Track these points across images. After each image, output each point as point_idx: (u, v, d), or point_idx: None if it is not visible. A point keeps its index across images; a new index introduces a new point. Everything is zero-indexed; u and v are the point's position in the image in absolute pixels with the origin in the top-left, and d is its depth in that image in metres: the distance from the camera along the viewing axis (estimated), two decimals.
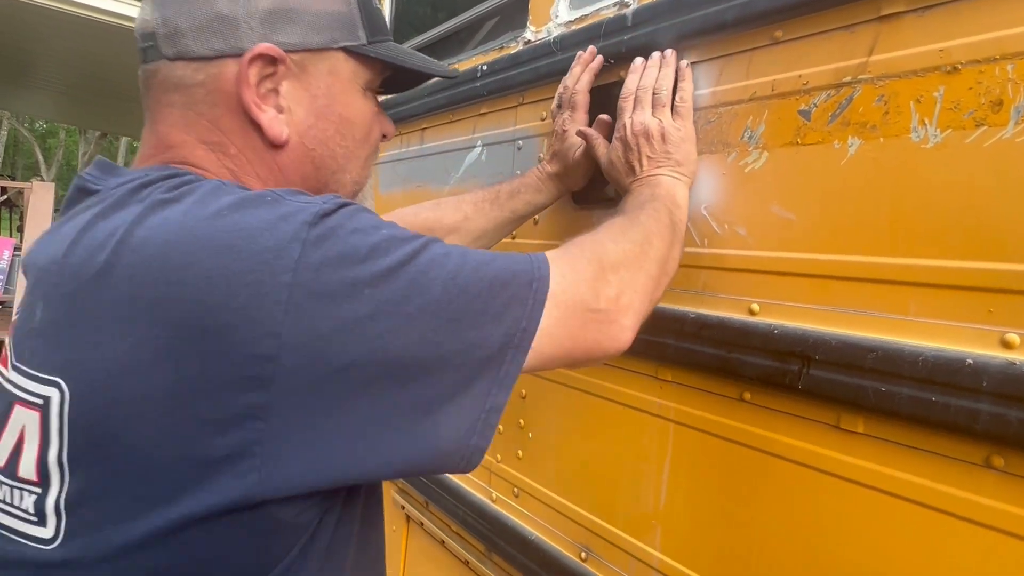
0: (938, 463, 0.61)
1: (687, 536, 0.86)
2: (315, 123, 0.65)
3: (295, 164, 0.65)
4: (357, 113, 0.68)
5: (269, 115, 0.62)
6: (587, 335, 0.63)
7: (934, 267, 0.62)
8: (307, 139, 0.65)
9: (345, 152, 0.68)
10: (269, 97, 0.62)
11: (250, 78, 0.60)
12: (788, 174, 0.76)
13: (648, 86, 0.87)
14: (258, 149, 0.63)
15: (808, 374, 0.70)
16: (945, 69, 0.62)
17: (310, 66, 0.64)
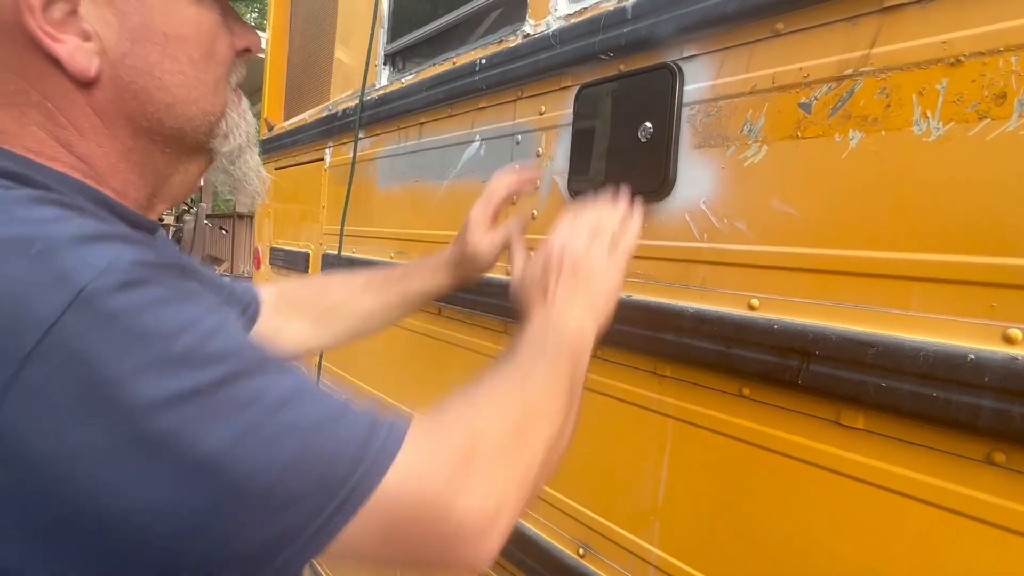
0: (939, 459, 0.61)
1: (686, 533, 0.85)
2: (131, 48, 0.52)
3: (114, 104, 0.53)
4: (190, 26, 0.55)
5: (69, 45, 0.49)
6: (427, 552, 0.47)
7: (936, 262, 0.62)
8: (123, 70, 0.52)
9: (182, 79, 0.55)
10: (68, 23, 0.49)
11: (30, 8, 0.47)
12: (788, 168, 0.75)
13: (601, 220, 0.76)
14: (66, 91, 0.51)
15: (808, 370, 0.70)
16: (948, 61, 0.61)
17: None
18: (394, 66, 1.76)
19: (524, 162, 1.17)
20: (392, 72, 1.75)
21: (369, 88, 1.78)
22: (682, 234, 0.87)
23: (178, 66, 0.55)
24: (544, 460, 0.56)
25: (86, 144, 0.53)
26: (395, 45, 1.72)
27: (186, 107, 0.56)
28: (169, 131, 0.56)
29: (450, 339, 1.38)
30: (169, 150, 0.58)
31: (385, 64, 1.75)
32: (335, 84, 2.09)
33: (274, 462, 0.40)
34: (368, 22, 1.79)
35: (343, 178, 1.86)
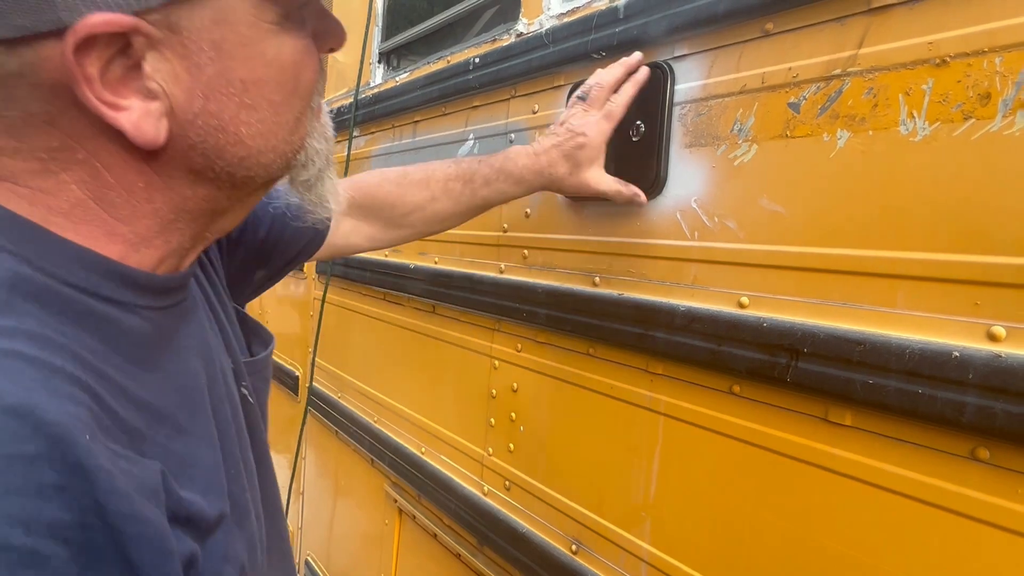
0: (925, 455, 0.62)
1: (677, 528, 0.86)
2: (204, 106, 0.44)
3: (176, 162, 0.46)
4: (272, 65, 0.47)
5: (134, 113, 0.42)
6: None
7: (921, 260, 0.62)
8: (193, 130, 0.45)
9: (259, 128, 0.47)
10: (129, 81, 0.42)
11: (87, 71, 0.40)
12: (777, 167, 0.76)
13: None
14: (120, 153, 0.44)
15: (796, 367, 0.71)
16: (934, 62, 0.62)
17: (183, 20, 0.42)
18: (388, 64, 1.76)
19: None
20: (387, 70, 1.75)
21: (364, 86, 1.78)
22: (673, 232, 0.87)
23: (256, 115, 0.47)
24: None
25: (133, 202, 0.46)
26: (389, 43, 1.73)
27: (262, 156, 0.49)
28: (240, 180, 0.49)
29: (444, 336, 1.39)
30: (234, 193, 0.51)
31: (379, 62, 1.76)
32: (330, 82, 2.09)
33: None
34: (362, 20, 1.79)
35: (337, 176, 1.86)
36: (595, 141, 0.90)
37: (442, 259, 1.40)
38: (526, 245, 1.15)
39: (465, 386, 1.32)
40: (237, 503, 0.53)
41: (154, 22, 0.41)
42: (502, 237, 1.21)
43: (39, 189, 0.44)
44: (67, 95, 0.41)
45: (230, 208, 0.53)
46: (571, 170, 0.91)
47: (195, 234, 0.52)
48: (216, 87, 0.44)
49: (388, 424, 1.61)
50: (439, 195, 0.94)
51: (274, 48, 0.47)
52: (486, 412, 1.25)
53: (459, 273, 1.30)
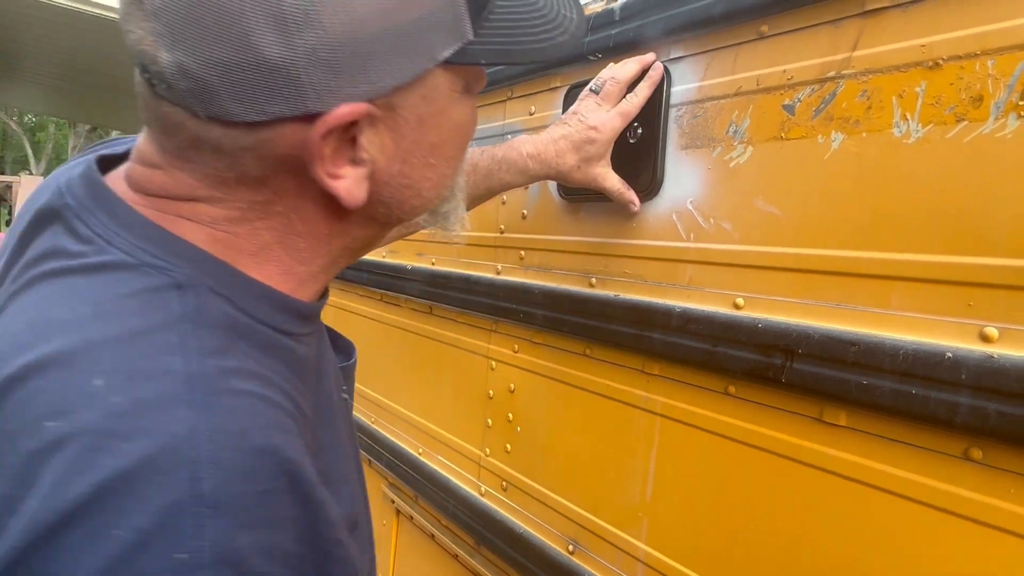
0: (918, 455, 0.62)
1: (673, 529, 0.86)
2: (401, 168, 0.49)
3: (363, 216, 0.51)
4: (454, 129, 0.52)
5: (348, 181, 0.47)
6: None
7: (915, 261, 0.63)
8: (386, 189, 0.49)
9: (436, 181, 0.53)
10: (344, 153, 0.46)
11: (324, 152, 0.45)
12: (772, 169, 0.76)
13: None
14: (318, 211, 0.49)
15: (791, 368, 0.71)
16: (927, 64, 0.63)
17: (399, 101, 0.46)
18: None
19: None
20: None
21: None
22: (669, 234, 0.88)
23: (435, 171, 0.52)
24: None
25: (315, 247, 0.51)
26: None
27: (431, 203, 0.55)
28: (405, 222, 0.56)
29: (441, 337, 1.39)
30: (391, 228, 0.56)
31: None
32: None
33: None
34: None
35: None
36: (606, 137, 0.89)
37: (439, 260, 1.40)
38: (523, 246, 1.15)
39: (462, 387, 1.32)
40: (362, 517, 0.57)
41: (379, 105, 0.45)
42: (499, 238, 1.21)
43: (234, 233, 0.47)
44: (288, 164, 0.45)
45: (377, 241, 0.58)
46: (579, 163, 0.90)
47: (346, 265, 0.56)
48: (412, 152, 0.49)
49: (385, 425, 1.61)
50: None
51: (459, 113, 0.51)
52: (483, 413, 1.25)
53: (456, 274, 1.30)
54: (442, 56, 0.46)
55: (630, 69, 0.89)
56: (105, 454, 0.36)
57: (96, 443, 0.37)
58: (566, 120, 0.92)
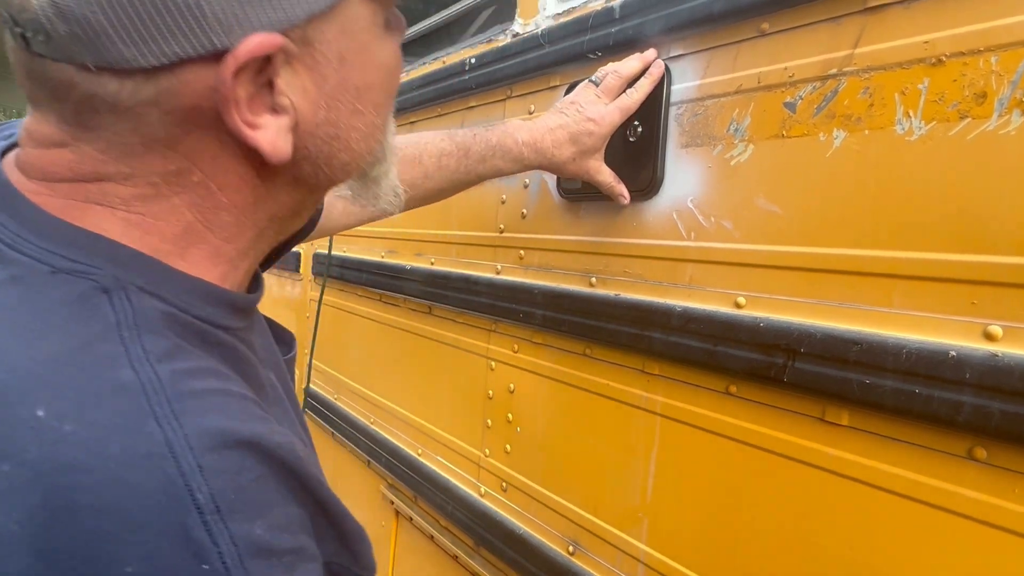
0: (921, 455, 0.62)
1: (673, 529, 0.86)
2: (326, 115, 0.44)
3: (288, 173, 0.46)
4: (380, 70, 0.47)
5: (269, 131, 0.42)
6: None
7: (918, 259, 0.62)
8: (311, 140, 0.44)
9: (365, 132, 0.47)
10: (262, 100, 0.41)
11: (238, 94, 0.39)
12: (773, 167, 0.76)
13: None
14: (239, 172, 0.44)
15: (793, 367, 0.70)
16: (930, 61, 0.62)
17: (316, 33, 0.42)
18: None
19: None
20: None
21: None
22: (670, 233, 0.87)
23: (363, 119, 0.47)
24: None
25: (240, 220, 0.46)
26: None
27: (362, 159, 0.50)
28: (335, 183, 0.50)
29: (441, 337, 1.39)
30: (320, 192, 0.51)
31: None
32: None
33: None
34: None
35: None
36: (603, 131, 0.89)
37: (438, 260, 1.40)
38: (522, 246, 1.15)
39: (462, 387, 1.32)
40: None
41: (295, 38, 0.40)
42: (498, 238, 1.21)
43: (151, 215, 0.43)
44: (198, 119, 0.40)
45: (305, 208, 0.52)
46: (575, 155, 0.89)
47: (275, 240, 0.52)
48: (336, 97, 0.44)
49: (385, 425, 1.61)
50: (432, 172, 0.91)
51: (382, 52, 0.47)
52: (483, 413, 1.24)
53: (455, 274, 1.30)
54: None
55: (632, 65, 0.89)
56: (79, 493, 0.33)
57: (61, 482, 0.33)
58: (563, 109, 0.90)
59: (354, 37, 0.44)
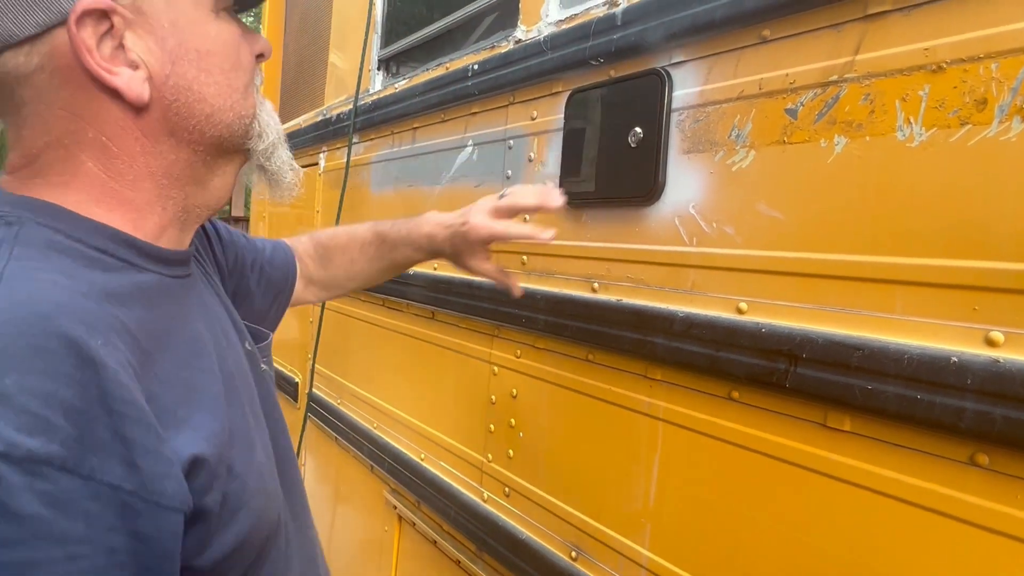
0: (924, 461, 0.62)
1: (676, 535, 0.86)
2: (172, 69, 0.57)
3: (160, 123, 0.58)
4: (216, 41, 0.60)
5: (124, 76, 0.54)
6: None
7: (919, 265, 0.62)
8: (167, 90, 0.57)
9: (216, 89, 0.60)
10: (117, 57, 0.55)
11: (87, 41, 0.52)
12: (775, 173, 0.76)
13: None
14: (119, 120, 0.56)
15: (795, 372, 0.71)
16: (930, 68, 0.62)
17: (145, 6, 0.56)
18: (388, 71, 1.77)
19: (516, 168, 1.18)
20: (386, 77, 1.76)
21: (363, 93, 1.79)
22: (671, 238, 0.88)
23: (212, 77, 0.60)
24: None
25: (135, 168, 0.58)
26: (389, 50, 1.73)
27: (223, 114, 0.61)
28: (210, 139, 0.61)
29: (443, 343, 1.39)
30: (209, 157, 0.62)
31: (379, 69, 1.76)
32: (329, 89, 2.10)
33: None
34: (362, 27, 1.80)
35: (337, 182, 1.87)
36: (472, 238, 0.93)
37: (441, 265, 1.40)
38: (525, 251, 1.15)
39: (464, 392, 1.32)
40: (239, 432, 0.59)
41: (126, 6, 0.54)
42: (501, 243, 1.21)
43: (68, 174, 0.56)
44: (75, 76, 0.53)
45: (209, 178, 0.64)
46: (456, 252, 0.97)
47: (186, 204, 0.63)
48: (178, 55, 0.57)
49: (388, 430, 1.61)
50: (357, 257, 1.06)
51: (215, 29, 0.60)
52: (485, 418, 1.24)
53: (458, 279, 1.30)
54: None
55: (528, 201, 0.91)
56: None
57: None
58: (462, 209, 0.97)
59: (182, 11, 0.58)
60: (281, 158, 0.68)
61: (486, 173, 1.27)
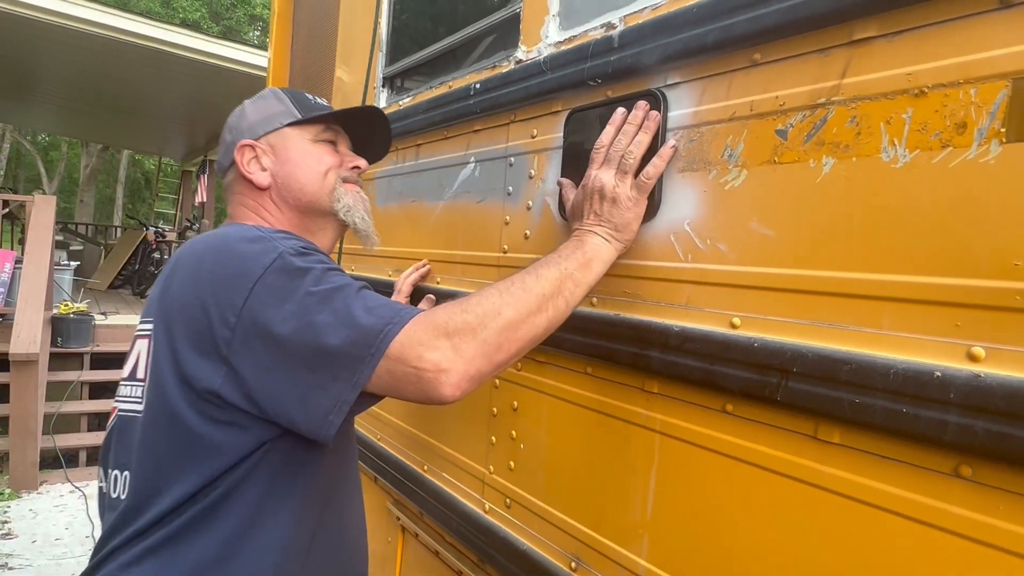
0: (910, 472, 0.63)
1: (673, 545, 0.87)
2: (281, 169, 1.08)
3: (279, 198, 1.09)
4: (311, 158, 1.09)
5: (255, 174, 1.08)
6: (408, 385, 0.82)
7: (904, 282, 0.64)
8: (279, 180, 1.08)
9: (311, 186, 1.08)
10: (255, 165, 1.08)
11: (241, 160, 1.08)
12: (766, 192, 0.78)
13: (620, 149, 0.92)
14: (258, 194, 1.09)
15: (787, 386, 0.72)
16: (913, 92, 0.65)
17: (275, 140, 1.09)
18: (392, 88, 1.80)
19: (516, 184, 1.21)
20: (390, 94, 1.79)
21: None
22: (667, 254, 0.90)
23: (307, 178, 1.09)
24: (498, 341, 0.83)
25: (273, 218, 1.09)
26: (393, 68, 1.76)
27: (319, 202, 1.09)
28: (308, 204, 1.09)
29: None
30: (308, 216, 1.10)
31: (383, 86, 1.80)
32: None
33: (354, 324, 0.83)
34: (367, 45, 1.83)
35: None
36: None
37: (444, 279, 1.43)
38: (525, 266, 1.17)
39: (466, 405, 1.34)
40: None
41: (262, 142, 1.09)
42: (502, 258, 1.24)
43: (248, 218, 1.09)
44: (241, 176, 1.09)
45: (315, 228, 1.11)
46: None
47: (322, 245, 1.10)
48: (285, 163, 1.09)
49: (390, 442, 1.63)
50: None
51: (311, 149, 1.11)
52: (487, 430, 1.26)
53: (460, 293, 1.32)
54: (283, 123, 1.09)
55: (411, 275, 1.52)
56: None
57: None
58: None
59: (290, 141, 1.09)
60: (354, 217, 1.11)
61: (488, 189, 1.29)
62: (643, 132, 0.91)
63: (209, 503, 0.89)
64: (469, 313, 0.83)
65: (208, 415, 0.87)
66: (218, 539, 0.89)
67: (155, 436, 0.91)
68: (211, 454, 0.88)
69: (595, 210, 0.93)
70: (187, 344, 0.88)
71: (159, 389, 0.90)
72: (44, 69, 8.22)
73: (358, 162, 1.14)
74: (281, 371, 0.84)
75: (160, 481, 0.90)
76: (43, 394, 4.95)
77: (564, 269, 0.89)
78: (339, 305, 0.84)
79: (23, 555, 3.64)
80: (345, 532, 1.11)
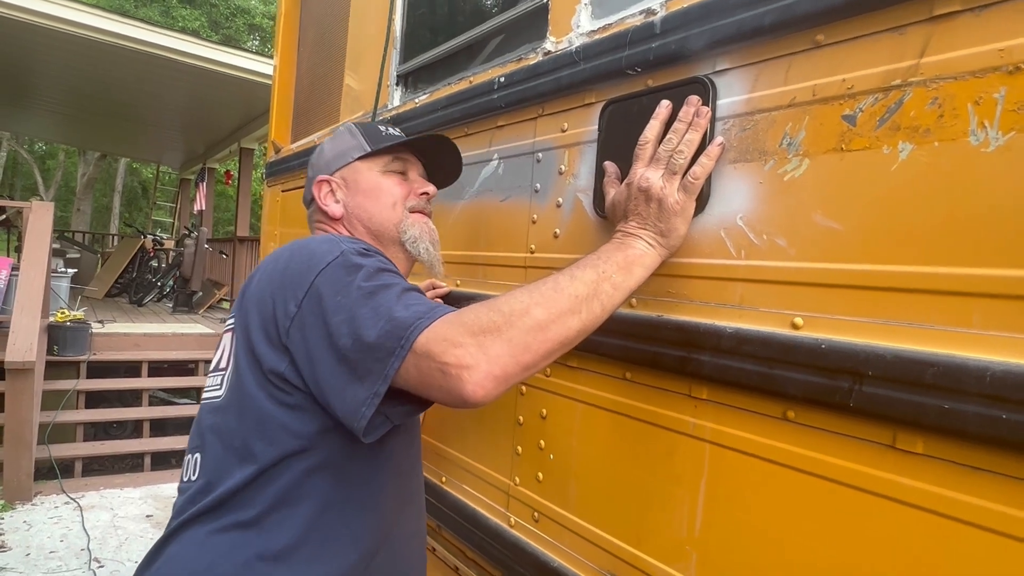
0: (1009, 486, 0.58)
1: (726, 565, 0.81)
2: (352, 200, 1.16)
3: (352, 225, 1.16)
4: (380, 189, 1.16)
5: (330, 205, 1.16)
6: (433, 382, 0.79)
7: (998, 277, 0.59)
8: (350, 210, 1.16)
9: (379, 216, 1.15)
10: (329, 197, 1.17)
11: (318, 194, 1.18)
12: (832, 182, 0.73)
13: (670, 148, 0.86)
14: (334, 223, 1.17)
15: (861, 391, 0.67)
16: (1006, 69, 0.59)
17: (347, 174, 1.17)
18: (406, 86, 1.74)
19: (544, 181, 1.15)
20: (405, 92, 1.74)
21: (381, 109, 1.76)
22: (717, 251, 0.84)
23: (376, 207, 1.15)
24: (526, 342, 0.78)
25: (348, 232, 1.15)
26: (407, 66, 1.71)
27: (388, 231, 1.15)
28: (375, 230, 1.15)
29: None
30: (379, 242, 1.14)
31: (397, 84, 1.74)
32: (345, 105, 2.08)
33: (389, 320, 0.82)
34: (380, 43, 1.78)
35: None
36: None
37: (464, 281, 1.37)
38: (554, 266, 1.11)
39: (489, 413, 1.28)
40: None
41: (336, 176, 1.18)
42: (529, 258, 1.18)
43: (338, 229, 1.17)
44: (319, 208, 1.18)
45: (386, 250, 1.11)
46: None
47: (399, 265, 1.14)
48: (357, 193, 1.16)
49: None
50: None
51: (381, 181, 1.17)
52: (512, 440, 1.20)
53: (484, 296, 1.27)
54: (354, 158, 1.17)
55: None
56: None
57: None
58: None
59: (361, 174, 1.17)
60: (418, 247, 1.14)
61: (513, 187, 1.24)
62: (693, 130, 0.85)
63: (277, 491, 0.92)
64: (496, 312, 0.79)
65: (276, 397, 0.92)
66: (287, 529, 0.92)
67: (227, 417, 0.97)
68: (278, 434, 0.92)
69: (640, 212, 0.87)
70: (259, 332, 0.94)
71: (236, 374, 0.97)
72: (41, 75, 8.17)
73: (427, 188, 1.17)
74: (329, 360, 0.86)
75: (230, 459, 0.94)
76: (39, 403, 4.86)
77: (602, 271, 0.83)
78: (381, 301, 0.84)
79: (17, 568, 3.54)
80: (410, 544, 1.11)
